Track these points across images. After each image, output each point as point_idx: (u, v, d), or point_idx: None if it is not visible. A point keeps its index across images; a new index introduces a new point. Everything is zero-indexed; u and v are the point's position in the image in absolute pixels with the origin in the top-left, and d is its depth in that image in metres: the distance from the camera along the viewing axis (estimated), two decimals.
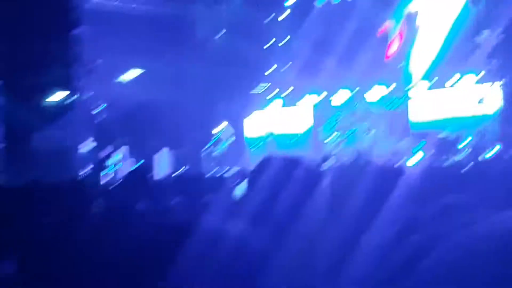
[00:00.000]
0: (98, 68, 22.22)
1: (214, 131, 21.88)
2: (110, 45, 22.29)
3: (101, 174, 18.70)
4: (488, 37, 17.56)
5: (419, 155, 17.80)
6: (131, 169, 17.22)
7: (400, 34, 22.24)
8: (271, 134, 22.43)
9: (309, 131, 22.52)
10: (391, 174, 8.46)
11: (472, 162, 14.65)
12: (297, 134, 22.61)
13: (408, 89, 20.96)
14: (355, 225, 6.18)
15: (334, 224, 6.09)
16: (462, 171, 8.40)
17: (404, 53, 22.19)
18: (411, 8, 22.12)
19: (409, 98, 20.73)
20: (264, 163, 4.99)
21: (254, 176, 6.11)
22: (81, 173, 20.56)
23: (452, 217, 4.01)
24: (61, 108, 23.61)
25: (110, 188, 11.11)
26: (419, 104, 20.52)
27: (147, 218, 5.62)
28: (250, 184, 6.23)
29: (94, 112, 22.49)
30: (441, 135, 18.33)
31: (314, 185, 7.78)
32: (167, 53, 24.50)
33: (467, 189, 5.17)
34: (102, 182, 15.21)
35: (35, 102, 23.74)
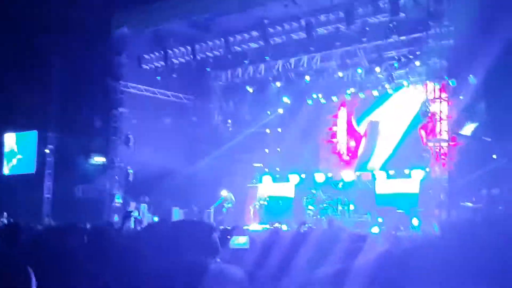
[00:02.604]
0: (130, 140, 22.24)
1: (219, 196, 21.71)
2: (141, 123, 22.35)
3: (126, 223, 18.39)
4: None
5: (381, 226, 17.63)
6: (149, 222, 17.09)
7: (365, 135, 22.50)
8: (265, 199, 22.23)
9: (291, 202, 22.36)
10: (358, 240, 8.34)
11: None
12: (283, 203, 22.43)
13: (373, 176, 20.94)
14: (328, 282, 6.04)
15: (309, 280, 5.95)
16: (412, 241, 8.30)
17: (369, 149, 22.33)
18: (373, 115, 22.37)
19: (374, 181, 20.70)
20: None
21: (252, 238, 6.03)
22: (111, 220, 20.29)
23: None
24: (99, 169, 23.55)
25: (131, 235, 10.93)
26: (382, 186, 20.48)
27: (158, 264, 5.43)
28: (252, 242, 6.13)
29: (124, 174, 22.45)
30: (398, 211, 18.21)
31: (295, 246, 7.65)
32: (186, 133, 24.57)
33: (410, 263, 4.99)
34: (125, 230, 14.93)
35: (80, 163, 23.69)
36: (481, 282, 3.56)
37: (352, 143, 22.63)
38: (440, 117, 16.50)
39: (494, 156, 16.11)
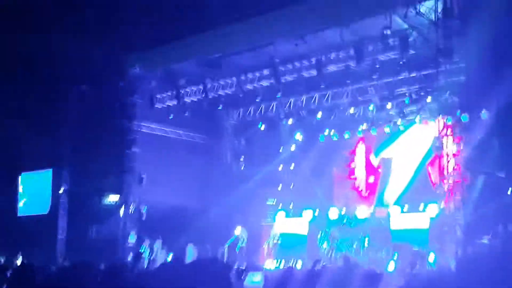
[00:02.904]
0: (143, 179, 22.31)
1: (233, 233, 21.65)
2: (154, 162, 22.44)
3: (140, 261, 18.36)
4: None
5: (396, 262, 17.45)
6: (164, 260, 17.01)
7: (378, 169, 22.42)
8: (279, 237, 22.13)
9: (305, 239, 22.22)
10: (373, 278, 8.29)
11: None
12: (296, 240, 22.29)
13: (388, 212, 20.79)
14: None
15: None
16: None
17: (382, 184, 22.25)
18: (386, 152, 22.36)
19: (389, 218, 20.52)
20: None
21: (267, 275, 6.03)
22: (126, 258, 20.25)
23: None
24: (114, 208, 23.60)
25: (146, 273, 10.89)
26: (397, 222, 20.31)
27: None
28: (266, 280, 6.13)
29: (137, 213, 22.46)
30: (414, 248, 18.03)
31: (310, 285, 7.63)
32: (198, 171, 24.62)
33: None
34: (140, 267, 14.89)
35: (93, 201, 23.77)
36: None
37: (371, 179, 22.50)
38: (449, 154, 16.45)
39: (509, 192, 15.99)
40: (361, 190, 22.58)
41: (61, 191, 24.10)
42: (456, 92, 16.23)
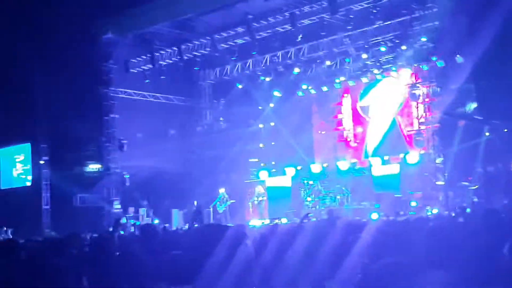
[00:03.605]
0: (124, 146, 22.18)
1: (217, 193, 21.71)
2: (133, 128, 22.29)
3: (125, 228, 18.41)
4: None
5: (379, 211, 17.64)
6: (148, 224, 17.05)
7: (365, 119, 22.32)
8: (263, 195, 22.21)
9: (289, 195, 22.32)
10: (357, 227, 8.34)
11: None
12: (281, 196, 22.39)
13: (370, 163, 20.88)
14: (324, 270, 6.09)
15: (308, 267, 6.00)
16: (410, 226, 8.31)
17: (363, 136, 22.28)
18: (363, 102, 22.29)
19: (371, 168, 20.62)
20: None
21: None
22: (110, 227, 20.27)
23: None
24: (95, 176, 23.53)
25: (130, 239, 10.92)
26: (378, 172, 20.42)
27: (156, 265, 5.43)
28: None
29: (120, 180, 22.41)
30: (395, 195, 18.23)
31: (296, 236, 7.68)
32: (178, 134, 24.53)
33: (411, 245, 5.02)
34: (125, 234, 14.93)
35: (75, 172, 23.65)
36: None
37: (359, 129, 22.33)
38: (423, 101, 16.50)
39: (487, 134, 16.15)
40: (350, 141, 22.49)
41: (42, 162, 23.92)
42: (431, 38, 16.17)
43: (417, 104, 16.93)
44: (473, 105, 16.72)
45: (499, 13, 14.52)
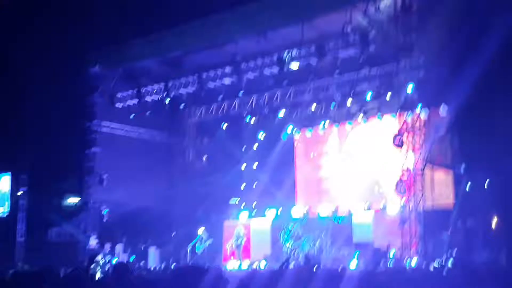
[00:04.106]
0: (104, 180, 21.92)
1: (196, 233, 21.44)
2: (115, 162, 22.04)
3: (100, 265, 18.03)
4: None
5: (358, 260, 17.42)
6: (123, 262, 16.73)
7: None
8: (242, 237, 21.90)
9: (268, 238, 22.07)
10: (335, 276, 8.23)
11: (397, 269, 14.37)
12: (260, 240, 22.12)
13: (349, 210, 20.73)
14: None
15: None
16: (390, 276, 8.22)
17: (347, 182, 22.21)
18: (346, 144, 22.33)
19: (351, 215, 20.45)
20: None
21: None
22: (85, 263, 19.89)
23: None
24: (73, 210, 23.15)
25: (105, 278, 10.66)
26: (359, 220, 20.26)
27: None
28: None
29: (98, 214, 22.09)
30: (375, 246, 18.06)
31: (276, 283, 7.54)
32: (160, 171, 24.30)
33: None
34: (99, 272, 14.62)
35: (53, 204, 23.28)
36: None
37: (343, 175, 22.10)
38: (409, 149, 16.51)
39: (468, 187, 16.16)
40: (333, 186, 22.42)
41: (19, 193, 23.55)
42: (416, 87, 16.28)
43: (401, 152, 16.96)
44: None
45: (483, 63, 14.70)
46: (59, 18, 21.43)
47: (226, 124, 23.75)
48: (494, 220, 15.95)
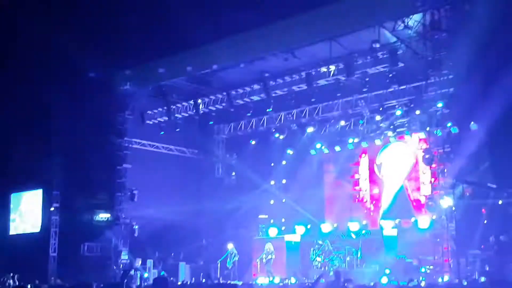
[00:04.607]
0: (135, 196, 22.21)
1: (226, 249, 21.56)
2: (145, 179, 22.33)
3: (131, 280, 18.23)
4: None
5: (389, 276, 17.36)
6: (163, 276, 16.87)
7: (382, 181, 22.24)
8: (272, 253, 21.90)
9: (297, 254, 22.06)
10: None
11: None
12: (290, 255, 22.14)
13: (381, 225, 20.67)
14: None
15: None
16: None
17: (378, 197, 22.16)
18: (376, 160, 22.32)
19: (382, 230, 20.38)
20: None
21: None
22: (118, 277, 20.13)
23: None
24: (105, 225, 23.43)
25: None
26: (389, 235, 20.19)
27: None
28: None
29: (129, 230, 22.35)
30: (407, 260, 17.98)
31: None
32: (190, 187, 24.50)
33: None
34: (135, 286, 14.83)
35: (84, 220, 23.58)
36: None
37: (376, 191, 22.23)
38: (436, 166, 16.45)
39: (500, 202, 16.04)
40: (366, 202, 22.39)
41: (52, 209, 23.93)
42: (446, 104, 16.26)
43: (430, 169, 16.92)
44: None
45: None
46: (91, 36, 21.85)
47: (254, 141, 23.92)
48: None
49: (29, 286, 13.28)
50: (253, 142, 23.96)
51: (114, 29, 21.85)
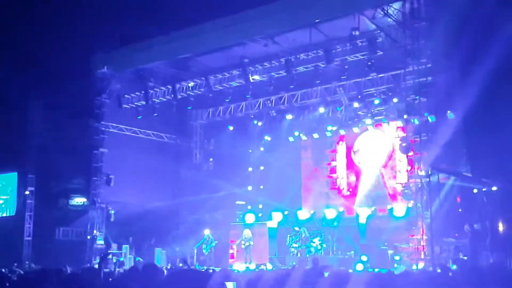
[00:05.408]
0: (111, 180, 22.07)
1: (202, 234, 21.57)
2: (122, 163, 22.23)
3: (107, 265, 18.18)
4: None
5: (365, 262, 17.53)
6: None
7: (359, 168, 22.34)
8: (249, 239, 21.95)
9: (274, 240, 22.14)
10: (343, 278, 8.32)
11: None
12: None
13: (357, 213, 20.83)
14: None
15: None
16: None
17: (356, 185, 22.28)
18: (354, 147, 22.40)
19: (358, 218, 20.54)
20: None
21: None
22: (93, 262, 20.09)
23: None
24: (80, 209, 23.33)
25: (112, 278, 10.81)
26: (365, 223, 20.35)
27: None
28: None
29: (105, 215, 22.23)
30: (381, 247, 18.18)
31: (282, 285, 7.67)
32: (167, 172, 24.46)
33: None
34: (106, 272, 14.76)
35: (59, 204, 23.47)
36: None
37: (352, 178, 22.35)
38: (413, 154, 16.59)
39: (475, 191, 16.24)
40: (343, 189, 22.53)
41: (27, 193, 23.76)
42: (423, 93, 16.37)
43: (406, 157, 17.06)
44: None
45: (489, 70, 14.81)
46: (67, 20, 21.65)
47: (232, 127, 23.91)
48: (500, 223, 16.05)
49: (3, 270, 13.21)
50: (231, 128, 23.94)
51: (92, 12, 21.66)
